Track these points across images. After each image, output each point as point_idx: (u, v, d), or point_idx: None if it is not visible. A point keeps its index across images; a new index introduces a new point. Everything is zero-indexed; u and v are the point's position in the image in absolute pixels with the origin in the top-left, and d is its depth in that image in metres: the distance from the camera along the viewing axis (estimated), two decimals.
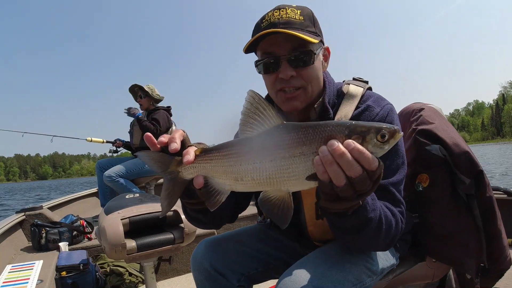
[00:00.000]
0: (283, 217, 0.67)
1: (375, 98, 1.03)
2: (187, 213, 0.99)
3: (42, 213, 2.71)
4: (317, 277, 0.85)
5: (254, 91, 0.67)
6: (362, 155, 0.60)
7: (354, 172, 0.61)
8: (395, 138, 0.62)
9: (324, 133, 0.62)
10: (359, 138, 0.61)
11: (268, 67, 0.97)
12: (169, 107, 3.81)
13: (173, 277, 2.60)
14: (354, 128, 0.62)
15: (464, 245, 1.13)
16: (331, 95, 1.04)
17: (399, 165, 0.97)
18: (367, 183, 0.63)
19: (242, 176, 0.66)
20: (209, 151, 0.70)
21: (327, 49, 1.06)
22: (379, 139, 0.62)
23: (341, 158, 0.60)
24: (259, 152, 0.64)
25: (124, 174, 3.43)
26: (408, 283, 1.28)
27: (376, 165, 0.62)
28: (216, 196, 0.70)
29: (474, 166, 1.11)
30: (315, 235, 1.11)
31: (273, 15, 0.95)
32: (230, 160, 0.67)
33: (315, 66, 0.98)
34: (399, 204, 0.94)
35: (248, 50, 0.99)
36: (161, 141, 0.73)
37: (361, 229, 0.78)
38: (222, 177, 0.69)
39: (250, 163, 0.65)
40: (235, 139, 0.70)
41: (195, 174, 0.71)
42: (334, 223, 0.81)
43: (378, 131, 0.61)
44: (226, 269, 1.09)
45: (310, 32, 0.95)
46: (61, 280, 1.93)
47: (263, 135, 0.66)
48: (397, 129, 0.62)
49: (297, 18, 0.95)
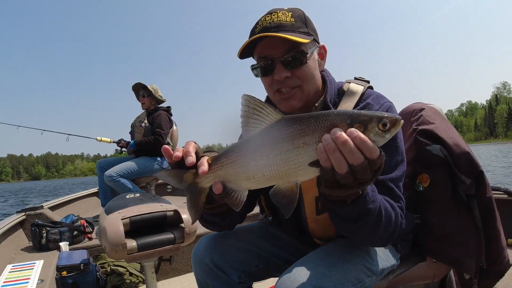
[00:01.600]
0: (289, 205, 0.69)
1: (375, 96, 1.05)
2: (203, 218, 1.02)
3: (42, 213, 2.71)
4: (317, 276, 0.86)
5: (247, 95, 0.69)
6: (364, 143, 0.61)
7: (356, 160, 0.62)
8: (396, 127, 0.63)
9: (326, 122, 0.64)
10: (361, 127, 0.63)
11: (263, 70, 1.02)
12: (169, 108, 3.81)
13: (173, 277, 2.60)
14: (356, 117, 0.63)
15: (464, 245, 1.13)
16: (332, 93, 1.06)
17: (398, 161, 0.98)
18: (368, 171, 0.64)
19: (253, 174, 0.69)
20: (219, 158, 0.73)
21: (323, 47, 1.08)
22: (381, 127, 0.63)
23: (344, 146, 0.61)
24: (264, 149, 0.66)
25: (125, 174, 3.43)
26: (409, 283, 1.28)
27: (377, 154, 0.63)
28: (237, 197, 0.73)
29: (474, 166, 1.12)
30: (315, 232, 1.11)
31: (265, 20, 1.00)
32: (239, 162, 0.69)
33: (309, 65, 1.00)
34: (398, 200, 0.95)
35: (243, 56, 1.04)
36: (177, 156, 0.77)
37: (360, 219, 0.79)
38: (236, 179, 0.72)
39: (258, 160, 0.67)
40: (240, 141, 0.72)
41: (212, 182, 0.74)
42: (334, 211, 0.82)
43: (380, 119, 0.63)
44: (227, 266, 1.10)
45: (302, 33, 0.98)
46: (62, 280, 1.93)
47: (265, 131, 0.68)
48: (398, 118, 0.63)
49: (288, 20, 0.98)
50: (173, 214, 1.74)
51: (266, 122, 0.68)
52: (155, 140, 3.51)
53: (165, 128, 3.57)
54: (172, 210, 1.74)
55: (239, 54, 1.02)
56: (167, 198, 1.93)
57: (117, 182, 3.37)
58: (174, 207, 1.75)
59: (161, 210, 1.72)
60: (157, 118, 3.59)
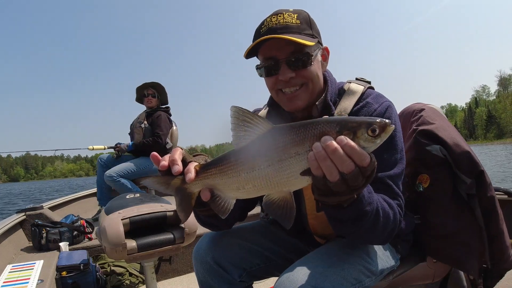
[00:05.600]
0: (287, 217, 0.68)
1: (375, 96, 1.06)
2: (200, 219, 1.03)
3: (42, 213, 2.71)
4: (316, 277, 0.86)
5: (236, 107, 0.69)
6: (353, 150, 0.61)
7: (346, 168, 0.62)
8: (386, 132, 0.63)
9: (315, 130, 0.63)
10: (350, 134, 0.62)
11: (268, 70, 1.03)
12: (167, 108, 3.83)
13: (173, 277, 2.60)
14: (345, 124, 0.63)
15: (466, 245, 1.13)
16: (332, 93, 1.07)
17: (397, 159, 0.98)
18: (360, 178, 0.64)
19: (243, 185, 0.68)
20: (208, 166, 0.73)
21: (326, 49, 1.10)
22: (370, 133, 0.62)
23: (334, 154, 0.61)
24: (255, 159, 0.66)
25: (125, 174, 3.44)
26: (409, 284, 1.28)
27: (368, 162, 0.62)
28: (223, 205, 0.72)
29: (475, 166, 1.11)
30: (316, 229, 1.12)
31: (271, 21, 1.00)
32: (228, 173, 0.69)
33: (313, 67, 1.02)
34: (397, 197, 0.95)
35: (249, 55, 1.04)
36: (163, 165, 0.76)
37: (357, 221, 0.80)
38: (225, 188, 0.71)
39: (249, 171, 0.66)
40: (231, 151, 0.71)
41: (200, 188, 0.74)
42: (331, 215, 0.82)
43: (369, 126, 0.62)
44: (228, 264, 1.11)
45: (307, 35, 0.99)
46: (62, 280, 1.93)
47: (256, 141, 0.67)
48: (388, 122, 0.63)
49: (294, 22, 0.99)
50: (173, 214, 1.74)
51: (256, 133, 0.67)
52: (153, 141, 3.54)
53: (165, 129, 3.60)
54: (172, 210, 1.75)
55: (245, 55, 1.04)
56: (167, 199, 1.93)
57: (117, 182, 3.38)
58: (174, 207, 1.75)
59: (161, 210, 1.72)
60: (157, 119, 3.61)
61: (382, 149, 0.95)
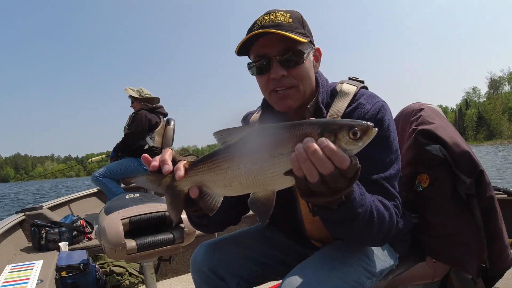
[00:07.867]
0: (266, 213, 0.70)
1: (368, 96, 1.04)
2: (192, 220, 1.03)
3: (42, 213, 2.71)
4: (317, 281, 0.86)
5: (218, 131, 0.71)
6: (332, 152, 0.61)
7: (325, 169, 0.62)
8: (368, 135, 0.63)
9: (298, 131, 0.65)
10: (331, 136, 0.63)
11: (260, 68, 1.01)
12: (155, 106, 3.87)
13: (173, 277, 2.60)
14: (327, 126, 0.64)
15: (465, 245, 1.13)
16: (324, 95, 1.06)
17: (392, 160, 0.98)
18: (341, 180, 0.64)
19: (230, 182, 0.70)
20: (196, 164, 0.74)
21: (318, 50, 1.08)
22: (351, 136, 0.63)
23: (314, 155, 0.61)
24: (241, 158, 0.67)
25: (108, 174, 3.61)
26: (408, 283, 1.28)
27: (347, 164, 0.62)
28: (211, 202, 0.74)
29: (474, 165, 1.11)
30: (312, 233, 1.11)
31: (264, 19, 0.99)
32: (216, 170, 0.71)
33: (305, 66, 1.00)
34: (393, 198, 0.95)
35: (240, 53, 1.03)
36: (154, 166, 0.77)
37: (349, 223, 0.80)
38: (212, 185, 0.73)
39: (235, 169, 0.68)
40: (219, 148, 0.72)
41: (190, 186, 0.75)
42: (322, 217, 0.83)
43: (350, 128, 0.63)
44: (225, 273, 1.10)
45: (299, 33, 0.98)
46: (61, 280, 1.93)
47: (243, 140, 0.68)
48: (370, 125, 0.63)
49: (286, 20, 0.98)
50: None
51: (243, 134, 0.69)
52: (122, 140, 3.70)
53: (136, 127, 3.65)
54: None
55: (236, 51, 1.02)
56: None
57: (99, 181, 3.57)
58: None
59: (160, 210, 1.72)
60: (133, 118, 3.71)
61: (376, 150, 0.94)
